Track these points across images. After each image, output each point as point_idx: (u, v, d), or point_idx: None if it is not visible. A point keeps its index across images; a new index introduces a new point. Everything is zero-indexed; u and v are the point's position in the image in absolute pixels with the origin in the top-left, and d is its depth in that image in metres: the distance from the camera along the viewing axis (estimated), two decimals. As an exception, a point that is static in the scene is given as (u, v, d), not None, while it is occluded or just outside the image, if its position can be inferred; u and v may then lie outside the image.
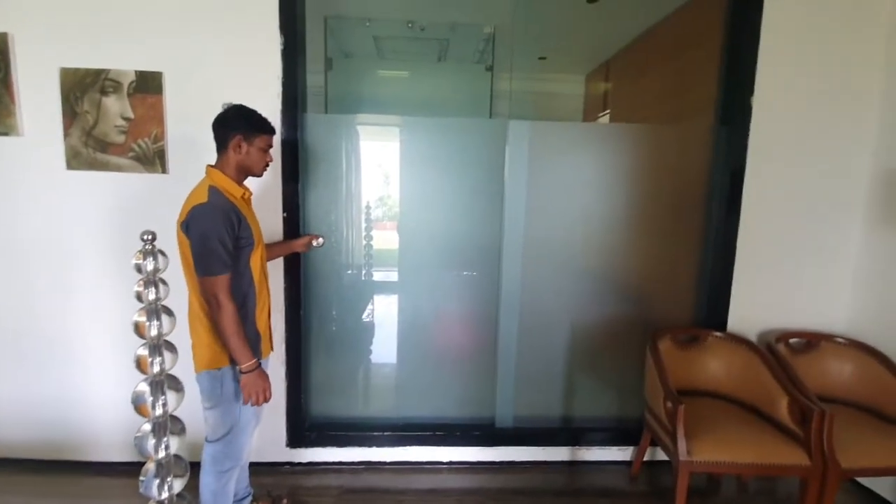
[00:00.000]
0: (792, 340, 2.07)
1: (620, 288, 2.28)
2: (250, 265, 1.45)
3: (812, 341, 2.06)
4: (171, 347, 1.16)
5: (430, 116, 2.27)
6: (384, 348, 3.46)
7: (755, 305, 2.14)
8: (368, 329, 2.75)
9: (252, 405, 1.44)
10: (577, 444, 2.24)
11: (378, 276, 2.81)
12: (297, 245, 1.90)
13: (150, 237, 1.11)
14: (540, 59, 3.57)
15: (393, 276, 2.58)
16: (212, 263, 1.32)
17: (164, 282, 1.14)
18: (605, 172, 2.18)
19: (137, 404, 1.12)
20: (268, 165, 1.53)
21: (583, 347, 2.29)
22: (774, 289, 2.14)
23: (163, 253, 1.14)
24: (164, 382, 1.15)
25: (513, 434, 2.26)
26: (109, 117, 1.91)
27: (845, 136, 2.06)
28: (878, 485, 2.00)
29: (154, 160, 1.94)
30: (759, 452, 1.66)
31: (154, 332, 1.12)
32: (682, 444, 1.66)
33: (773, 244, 2.11)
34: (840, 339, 2.03)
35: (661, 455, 2.21)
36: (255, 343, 1.47)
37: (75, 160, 1.93)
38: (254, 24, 1.89)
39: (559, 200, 2.18)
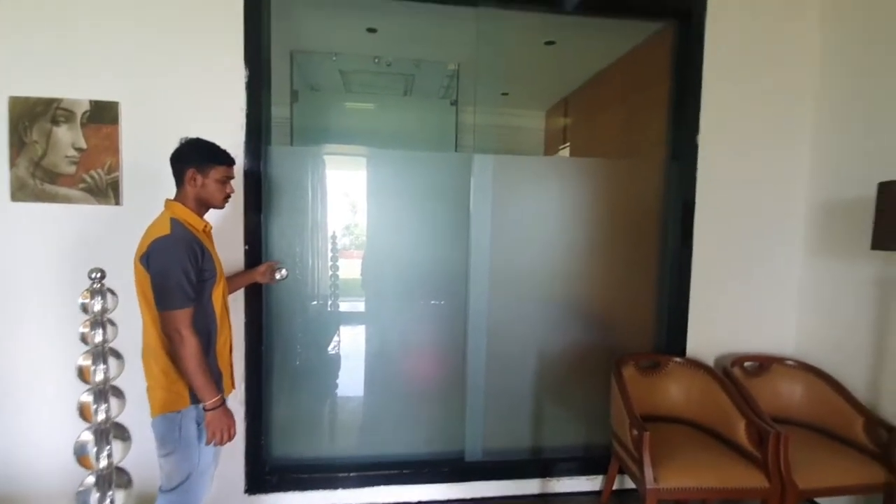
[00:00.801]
0: (746, 364, 2.16)
1: (584, 316, 2.33)
2: (212, 299, 1.41)
3: (764, 364, 2.15)
4: (119, 393, 1.09)
5: (398, 148, 2.31)
6: (350, 382, 3.36)
7: (711, 331, 2.23)
8: (334, 362, 2.67)
9: (216, 445, 1.38)
10: (547, 475, 2.22)
11: (344, 306, 2.76)
12: (258, 274, 1.86)
13: (98, 275, 1.05)
14: (503, 94, 3.72)
15: (360, 306, 2.54)
16: (175, 297, 1.28)
17: (112, 322, 1.08)
18: (567, 204, 2.25)
19: (80, 455, 1.04)
20: (229, 197, 1.51)
21: (550, 376, 2.30)
22: (728, 314, 2.25)
23: (112, 292, 1.08)
24: (110, 431, 1.08)
25: (483, 468, 2.21)
26: (60, 147, 1.83)
27: (783, 171, 2.22)
28: None
29: (107, 191, 1.87)
30: (721, 476, 1.70)
31: (100, 377, 1.05)
32: (648, 472, 1.68)
33: (725, 272, 2.23)
34: (790, 362, 2.14)
35: (629, 483, 2.22)
36: (217, 380, 1.42)
37: (21, 192, 1.83)
38: (218, 56, 1.88)
39: (524, 231, 2.23)
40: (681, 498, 1.73)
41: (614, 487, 2.17)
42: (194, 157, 1.42)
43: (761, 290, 2.25)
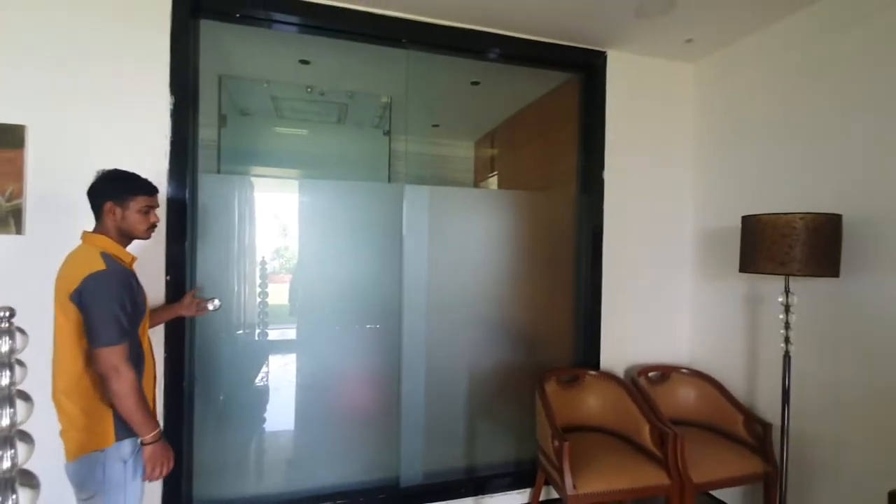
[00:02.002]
0: (650, 374, 2.42)
1: (511, 335, 2.48)
2: (139, 334, 1.39)
3: (665, 373, 2.43)
4: (27, 437, 1.02)
5: (331, 173, 2.35)
6: (280, 414, 3.25)
7: (620, 345, 2.49)
8: (262, 394, 2.58)
9: (153, 480, 1.34)
10: (480, 493, 2.30)
11: (274, 334, 2.69)
12: (182, 307, 1.78)
13: (6, 314, 1.00)
14: (433, 126, 3.90)
15: (290, 333, 2.49)
16: (113, 333, 1.25)
17: (21, 363, 1.02)
18: (492, 232, 2.42)
19: (-25, 511, 0.95)
20: (154, 226, 1.47)
21: (481, 395, 2.41)
22: (634, 329, 2.52)
23: (21, 331, 1.02)
24: (16, 479, 1.00)
25: (418, 492, 2.25)
26: (-50, 172, 1.67)
27: (672, 203, 2.57)
28: (727, 496, 2.35)
29: (7, 219, 1.73)
30: (630, 478, 1.89)
31: (6, 422, 0.98)
32: (568, 480, 1.82)
33: (630, 292, 2.50)
34: (685, 370, 2.43)
35: (555, 493, 2.36)
36: None
37: None
38: (142, 81, 1.84)
39: (454, 257, 2.36)
40: (597, 501, 1.89)
41: (541, 498, 2.30)
42: (111, 189, 1.38)
43: (660, 307, 2.56)
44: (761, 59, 2.20)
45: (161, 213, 1.84)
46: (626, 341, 2.49)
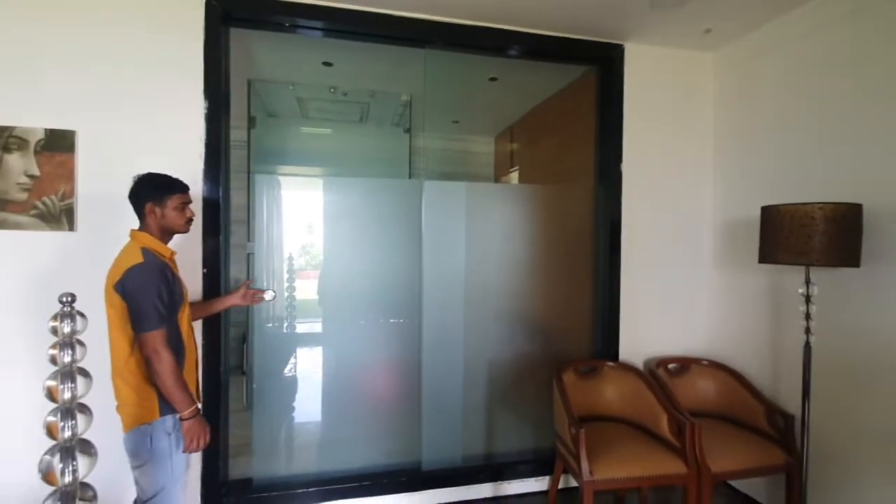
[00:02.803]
0: (670, 365, 2.43)
1: (530, 327, 2.53)
2: (179, 322, 1.51)
3: (684, 364, 2.43)
4: (85, 410, 1.15)
5: (354, 171, 2.43)
6: (308, 402, 3.39)
7: (639, 336, 2.50)
8: (292, 384, 2.71)
9: (192, 451, 1.47)
10: (499, 479, 2.37)
11: (301, 328, 2.82)
12: (237, 297, 1.92)
13: (68, 299, 1.12)
14: (453, 122, 3.97)
15: (317, 327, 2.61)
16: (152, 319, 1.38)
17: (81, 343, 1.14)
18: (511, 225, 2.47)
19: (45, 472, 1.08)
20: (191, 220, 1.61)
21: (500, 385, 2.47)
22: (653, 321, 2.52)
23: (81, 314, 1.15)
24: (76, 448, 1.13)
25: (439, 476, 2.33)
26: (11, 175, 1.84)
27: (691, 195, 2.56)
28: (749, 487, 2.34)
29: (60, 218, 1.88)
30: (646, 466, 1.91)
31: (67, 395, 1.11)
32: (584, 465, 1.87)
33: (649, 284, 2.51)
34: (704, 362, 2.43)
35: (574, 482, 2.41)
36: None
37: (-35, 218, 1.82)
38: (178, 88, 1.96)
39: (472, 251, 2.42)
40: (614, 487, 1.93)
41: (560, 486, 2.35)
42: (150, 191, 1.52)
43: (679, 299, 2.55)
44: (781, 47, 2.16)
45: (197, 210, 1.97)
46: (645, 333, 2.50)
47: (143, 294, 1.38)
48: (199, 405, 1.54)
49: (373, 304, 2.36)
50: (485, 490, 2.36)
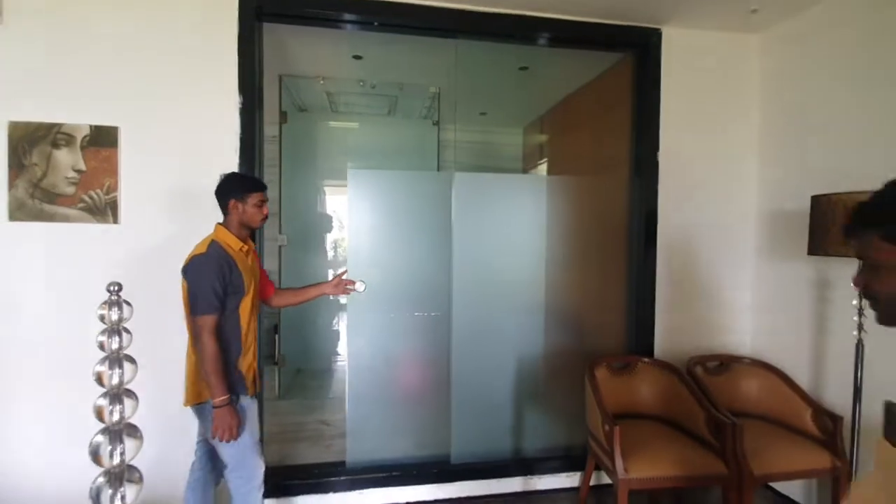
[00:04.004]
0: (709, 363, 2.34)
1: (562, 322, 2.49)
2: (239, 310, 1.60)
3: (724, 362, 2.34)
4: (132, 395, 1.19)
5: (380, 165, 2.43)
6: (338, 392, 3.44)
7: (676, 332, 2.42)
8: (321, 374, 2.77)
9: (220, 441, 1.53)
10: (529, 473, 2.35)
11: (329, 320, 2.87)
12: (329, 287, 2.00)
13: (115, 288, 1.16)
14: (481, 114, 3.92)
15: (345, 319, 2.63)
16: (203, 305, 1.50)
17: (127, 330, 1.18)
18: (542, 218, 2.43)
19: (94, 454, 1.13)
20: (266, 217, 1.73)
21: (531, 381, 2.44)
22: (691, 316, 2.44)
23: (127, 303, 1.19)
24: (123, 431, 1.17)
25: (469, 469, 2.32)
26: (60, 169, 1.92)
27: (733, 185, 2.45)
28: (790, 489, 2.25)
29: (105, 210, 1.96)
30: (684, 466, 1.85)
31: (115, 381, 1.15)
32: (619, 463, 1.82)
33: (687, 279, 2.42)
34: (746, 360, 2.33)
35: (606, 479, 2.36)
36: (238, 381, 1.61)
37: (19, 211, 1.91)
38: (214, 84, 2.01)
39: (503, 243, 2.39)
40: (649, 487, 1.88)
41: (592, 483, 2.30)
42: (233, 189, 1.65)
43: (719, 295, 2.45)
44: (833, 27, 2.03)
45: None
46: (682, 329, 2.42)
47: (200, 281, 1.50)
48: (249, 395, 1.65)
49: (403, 296, 2.36)
50: (514, 484, 2.34)
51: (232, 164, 2.02)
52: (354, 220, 2.31)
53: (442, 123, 3.57)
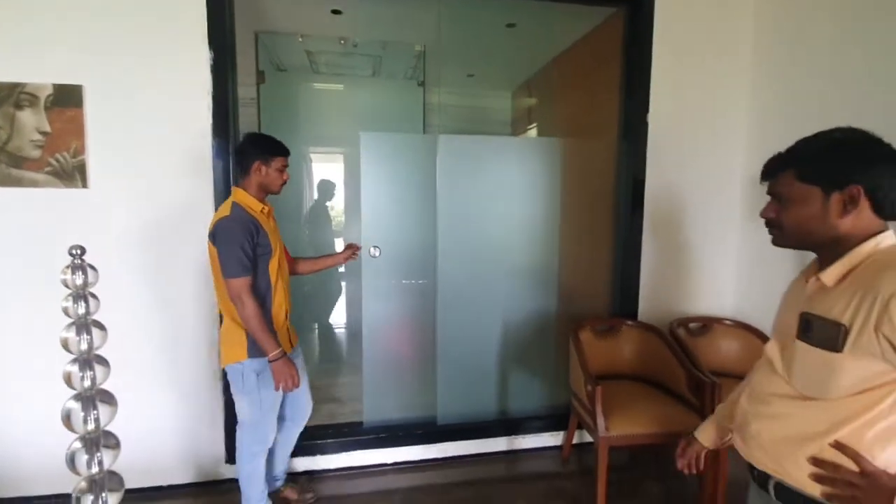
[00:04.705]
0: (691, 325, 2.37)
1: (547, 286, 2.48)
2: (268, 270, 1.63)
3: (706, 324, 2.37)
4: (103, 361, 1.17)
5: (367, 128, 2.33)
6: (327, 356, 3.45)
7: (660, 296, 2.43)
8: (311, 340, 2.77)
9: (284, 391, 1.62)
10: (514, 433, 2.40)
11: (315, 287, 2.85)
12: (341, 257, 2.02)
13: (78, 251, 1.12)
14: (468, 75, 3.79)
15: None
16: (235, 267, 1.51)
17: (94, 296, 1.15)
18: (529, 181, 2.38)
19: (67, 421, 1.11)
20: (285, 182, 1.71)
21: (515, 344, 2.46)
22: (675, 279, 2.44)
23: (92, 267, 1.14)
24: (96, 397, 1.15)
25: (454, 430, 2.37)
26: (25, 132, 1.83)
27: (724, 144, 2.40)
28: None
29: (73, 174, 1.88)
30: (664, 423, 1.90)
31: (84, 347, 1.12)
32: (600, 421, 1.86)
33: (671, 241, 2.41)
34: (728, 322, 2.36)
35: (588, 438, 2.42)
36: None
37: (-17, 176, 1.83)
38: (182, 39, 1.89)
39: (488, 207, 2.35)
40: (629, 443, 1.93)
41: (574, 441, 2.37)
42: (258, 150, 1.63)
43: (704, 258, 2.45)
44: (835, -22, 1.95)
45: (207, 167, 1.95)
46: (666, 293, 2.43)
47: (228, 244, 1.51)
48: (291, 349, 1.72)
49: (389, 263, 2.33)
50: (499, 444, 2.40)
51: (205, 127, 1.93)
52: (368, 185, 2.26)
53: (428, 85, 3.44)
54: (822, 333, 0.79)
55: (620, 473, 2.21)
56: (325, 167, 3.95)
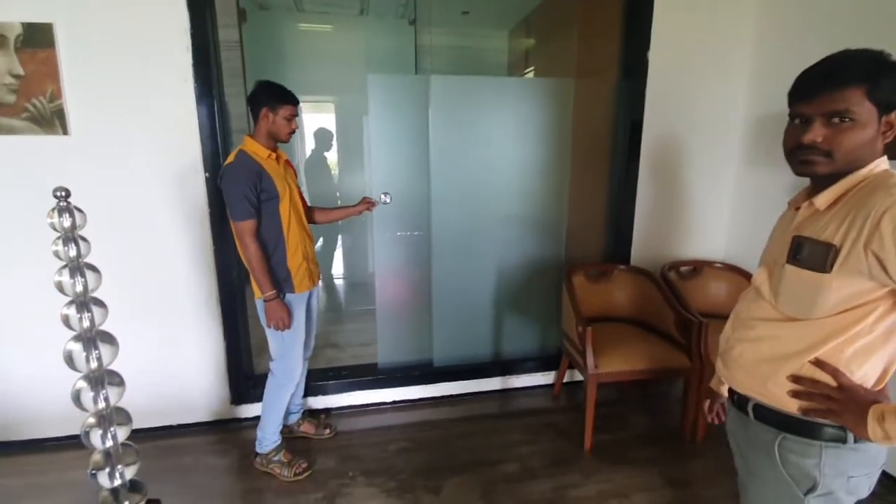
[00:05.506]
0: (682, 268, 2.40)
1: (542, 231, 2.49)
2: (278, 213, 1.68)
3: (697, 267, 2.40)
4: (100, 303, 1.18)
5: (353, 72, 2.25)
6: (328, 303, 3.52)
7: (653, 240, 2.44)
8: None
9: (275, 329, 1.70)
10: (507, 373, 2.49)
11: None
12: (355, 210, 2.03)
13: (63, 193, 1.10)
14: (463, 13, 3.59)
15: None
16: (237, 211, 1.59)
17: (84, 238, 1.14)
18: (524, 124, 2.32)
19: (70, 362, 1.14)
20: (293, 132, 1.74)
21: (509, 288, 2.50)
22: (670, 225, 2.45)
23: (79, 209, 1.13)
24: (96, 338, 1.18)
25: (450, 371, 2.45)
26: (-4, 75, 1.75)
27: (724, 88, 2.33)
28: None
29: (52, 120, 1.82)
30: (651, 360, 1.97)
31: (79, 289, 1.13)
32: (590, 360, 1.93)
33: (669, 187, 2.39)
34: (718, 265, 2.39)
35: (579, 377, 2.52)
36: (284, 279, 1.73)
37: (-42, 123, 1.76)
38: (153, -29, 1.78)
39: (483, 151, 2.30)
40: (617, 380, 2.01)
41: (565, 380, 2.47)
42: (266, 98, 1.66)
43: (699, 201, 2.45)
44: None
45: (190, 109, 1.89)
46: (660, 237, 2.44)
47: (232, 189, 1.58)
48: (310, 289, 1.81)
49: (383, 210, 2.30)
50: (493, 383, 2.49)
51: (185, 66, 1.85)
52: (376, 131, 2.22)
53: (419, 24, 3.27)
54: (813, 255, 0.79)
55: (609, 408, 2.32)
56: (315, 116, 3.82)
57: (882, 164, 0.80)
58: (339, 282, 3.94)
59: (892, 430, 0.72)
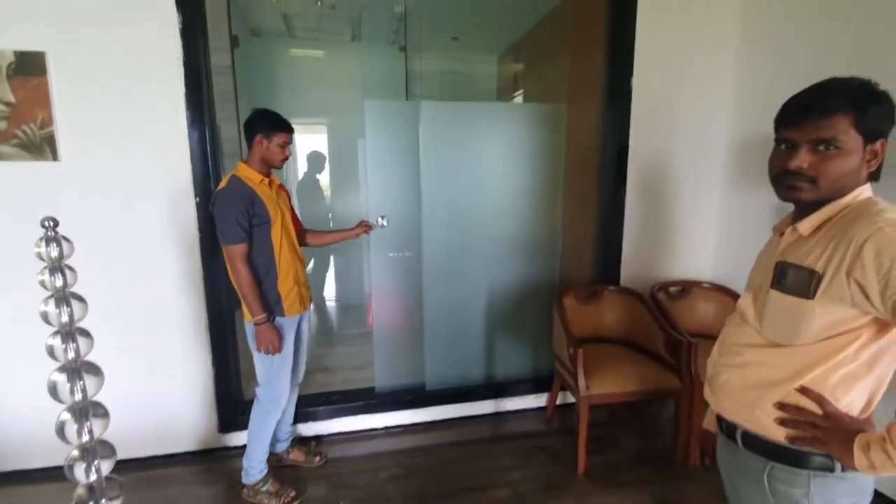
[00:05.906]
0: (671, 289, 2.43)
1: (532, 254, 2.51)
2: (271, 238, 1.69)
3: (685, 288, 2.43)
4: (86, 333, 1.16)
5: (344, 97, 2.29)
6: (319, 327, 3.48)
7: (642, 261, 2.47)
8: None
9: (265, 353, 1.70)
10: (500, 396, 2.48)
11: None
12: (353, 234, 2.03)
13: (51, 223, 1.09)
14: (452, 39, 3.68)
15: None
16: (229, 235, 1.61)
17: (70, 268, 1.13)
18: (513, 149, 2.36)
19: (54, 393, 1.12)
20: (286, 159, 1.76)
21: (500, 311, 2.50)
22: (657, 247, 2.48)
23: (66, 239, 1.12)
24: (81, 369, 1.16)
25: (442, 394, 2.43)
26: (-14, 102, 1.75)
27: (707, 111, 2.40)
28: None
29: (42, 147, 1.82)
30: (643, 381, 1.98)
31: (65, 319, 1.11)
32: (581, 381, 1.93)
33: (654, 207, 2.44)
34: (706, 285, 2.42)
35: (571, 398, 2.52)
36: (275, 303, 1.73)
37: (-54, 150, 1.76)
38: (148, 1, 1.81)
39: (473, 175, 2.34)
40: (608, 402, 2.01)
41: (558, 402, 2.46)
42: (261, 125, 1.69)
43: (686, 224, 2.49)
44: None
45: (181, 136, 1.90)
46: (648, 259, 2.47)
47: (223, 214, 1.60)
48: (301, 312, 1.81)
49: (375, 234, 2.31)
50: (486, 406, 2.47)
51: (178, 96, 1.87)
52: (373, 155, 2.25)
53: (410, 50, 3.34)
54: (796, 281, 0.80)
55: (601, 430, 2.30)
56: (307, 139, 3.85)
57: (865, 191, 0.81)
58: (330, 304, 3.93)
59: (878, 459, 0.72)
